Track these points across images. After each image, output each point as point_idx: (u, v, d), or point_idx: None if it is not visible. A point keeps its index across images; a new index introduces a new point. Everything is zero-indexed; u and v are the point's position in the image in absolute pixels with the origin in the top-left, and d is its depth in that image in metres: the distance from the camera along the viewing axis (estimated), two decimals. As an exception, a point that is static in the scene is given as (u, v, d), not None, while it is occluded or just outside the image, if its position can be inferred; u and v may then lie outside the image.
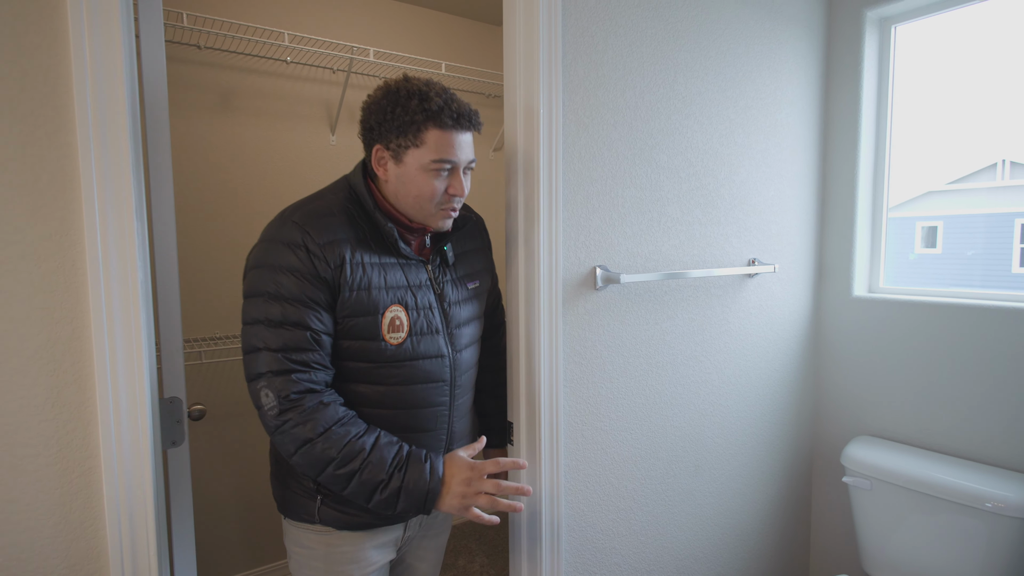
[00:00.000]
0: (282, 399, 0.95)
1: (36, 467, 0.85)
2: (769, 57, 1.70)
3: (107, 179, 0.86)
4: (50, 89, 0.83)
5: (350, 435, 0.97)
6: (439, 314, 1.12)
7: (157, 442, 0.97)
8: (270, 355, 0.96)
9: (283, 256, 0.98)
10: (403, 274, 1.08)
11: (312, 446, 0.95)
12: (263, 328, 0.97)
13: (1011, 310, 1.55)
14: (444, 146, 1.02)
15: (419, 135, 1.01)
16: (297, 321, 0.97)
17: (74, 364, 0.87)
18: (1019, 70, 1.67)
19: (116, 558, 0.90)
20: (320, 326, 0.99)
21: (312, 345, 0.98)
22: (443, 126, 1.01)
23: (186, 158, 2.08)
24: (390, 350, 1.05)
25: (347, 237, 1.02)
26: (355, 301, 1.01)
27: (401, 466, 0.99)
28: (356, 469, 0.97)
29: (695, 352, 1.59)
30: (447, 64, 2.50)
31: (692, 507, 1.63)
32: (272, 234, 1.01)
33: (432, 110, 1.00)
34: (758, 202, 1.72)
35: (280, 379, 0.96)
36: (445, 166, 1.03)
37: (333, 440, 0.96)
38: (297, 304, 0.97)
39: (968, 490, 1.47)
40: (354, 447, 0.97)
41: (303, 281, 0.97)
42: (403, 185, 1.04)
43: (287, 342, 0.96)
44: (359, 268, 1.02)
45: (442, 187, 1.05)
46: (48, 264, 0.84)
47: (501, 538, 2.70)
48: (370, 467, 0.97)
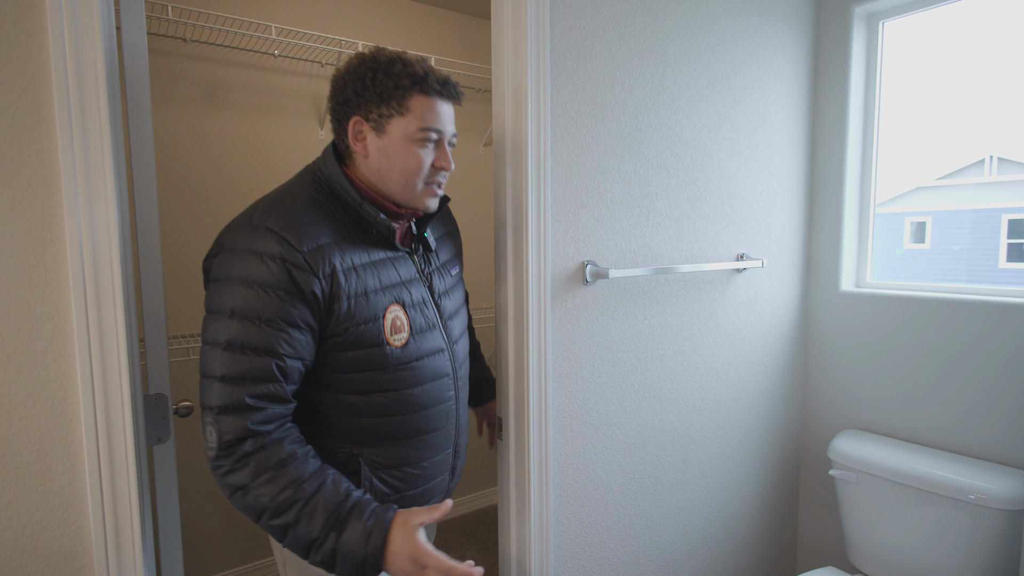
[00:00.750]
0: (222, 444, 0.84)
1: (16, 465, 0.84)
2: (758, 52, 1.70)
3: (88, 173, 0.85)
4: (28, 82, 0.82)
5: (288, 481, 0.85)
6: (432, 308, 1.06)
7: (141, 439, 0.96)
8: (222, 387, 0.85)
9: (252, 268, 0.86)
10: (395, 270, 1.00)
11: (245, 493, 0.84)
12: (221, 352, 0.85)
13: (997, 304, 1.56)
14: (431, 113, 0.95)
15: (404, 102, 0.93)
16: (262, 346, 0.85)
17: (56, 360, 0.86)
18: (1006, 66, 1.68)
19: (100, 556, 0.90)
20: (289, 350, 0.87)
21: (276, 376, 0.86)
22: (429, 92, 0.94)
23: (172, 152, 2.06)
24: (395, 354, 0.97)
25: (331, 240, 0.92)
26: (355, 310, 0.92)
27: (339, 524, 0.85)
28: (290, 522, 0.84)
29: (684, 347, 1.60)
30: (436, 58, 2.49)
31: (681, 500, 1.64)
32: (240, 242, 0.88)
33: (418, 74, 0.93)
34: (746, 197, 1.72)
35: (227, 418, 0.84)
36: (432, 135, 0.96)
37: (268, 486, 0.84)
38: (264, 325, 0.85)
39: (952, 482, 1.49)
40: (291, 496, 0.84)
41: (274, 297, 0.85)
42: (387, 159, 0.96)
43: (245, 371, 0.85)
44: (352, 273, 0.92)
45: (429, 159, 0.97)
46: (28, 259, 0.83)
47: (491, 533, 2.71)
48: (305, 520, 0.84)
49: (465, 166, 2.79)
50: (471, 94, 2.77)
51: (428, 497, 1.08)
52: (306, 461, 0.88)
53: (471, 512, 2.93)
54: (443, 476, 1.10)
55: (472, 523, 2.82)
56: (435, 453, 1.07)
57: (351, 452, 1.00)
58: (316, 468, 0.88)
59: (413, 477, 1.04)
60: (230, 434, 0.84)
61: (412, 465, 1.04)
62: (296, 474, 0.85)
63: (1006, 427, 1.56)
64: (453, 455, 1.12)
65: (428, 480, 1.07)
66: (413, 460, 1.03)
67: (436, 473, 1.08)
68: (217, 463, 0.86)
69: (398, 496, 1.03)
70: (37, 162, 0.83)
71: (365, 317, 0.93)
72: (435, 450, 1.07)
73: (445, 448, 1.08)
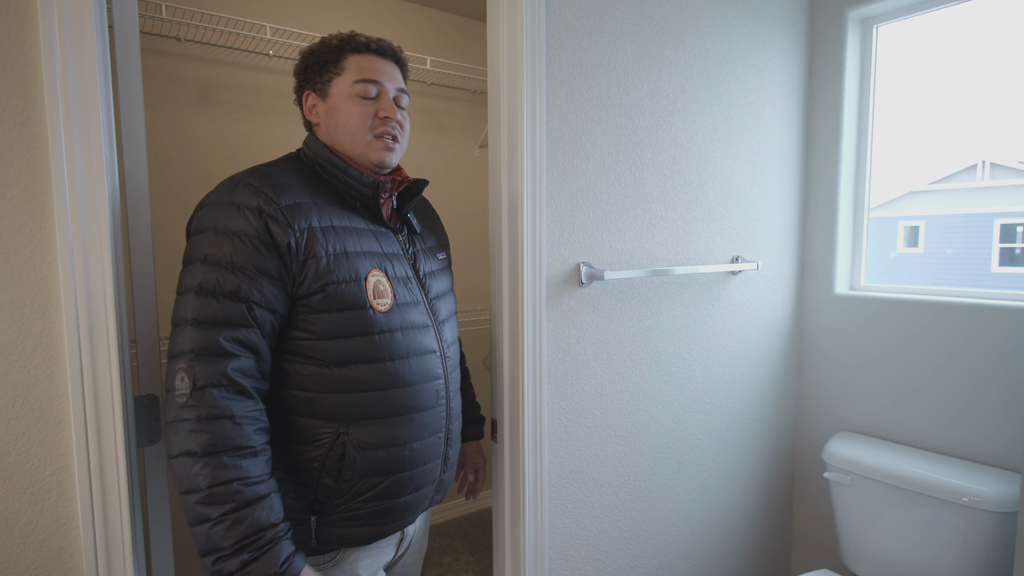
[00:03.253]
0: (195, 389, 0.82)
1: (5, 466, 0.83)
2: (753, 56, 1.71)
3: (79, 171, 0.84)
4: (18, 78, 0.81)
5: (234, 476, 0.82)
6: (417, 286, 1.06)
7: (132, 440, 0.95)
8: (196, 331, 0.84)
9: (229, 218, 0.87)
10: (377, 242, 1.02)
11: (192, 461, 0.81)
12: (193, 297, 0.85)
13: (990, 307, 1.57)
14: (364, 67, 1.01)
15: (338, 63, 1.00)
16: (233, 290, 0.85)
17: (45, 360, 0.85)
18: (1000, 71, 1.69)
19: (90, 559, 0.88)
20: (261, 298, 0.87)
21: (248, 321, 0.86)
22: (360, 48, 1.01)
23: (165, 152, 2.04)
24: (379, 319, 0.96)
25: (312, 201, 0.95)
26: (334, 267, 0.92)
27: (255, 549, 0.81)
28: (211, 517, 0.81)
29: (679, 349, 1.60)
30: (432, 59, 2.48)
31: (675, 503, 1.64)
32: (219, 197, 0.91)
33: (346, 36, 1.02)
34: (741, 200, 1.73)
35: (203, 363, 0.83)
36: (370, 88, 1.00)
37: (214, 471, 0.81)
38: (238, 272, 0.85)
39: (945, 485, 1.49)
40: (226, 492, 0.81)
41: (249, 246, 0.86)
42: (332, 118, 1.01)
43: (218, 315, 0.84)
44: (331, 232, 0.94)
45: (371, 110, 1.01)
46: (18, 258, 0.82)
47: (486, 535, 2.70)
48: (223, 527, 0.80)
49: (460, 168, 2.79)
50: (466, 96, 2.77)
51: (420, 483, 1.04)
52: (261, 460, 0.86)
53: (465, 515, 2.92)
54: (435, 462, 1.07)
55: (466, 526, 2.81)
56: (426, 434, 1.03)
57: (336, 432, 0.96)
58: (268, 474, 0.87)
59: (403, 458, 1.00)
60: (205, 380, 0.82)
61: (401, 445, 1.00)
62: (245, 474, 0.83)
63: (999, 430, 1.56)
64: (445, 442, 1.09)
65: (419, 463, 1.03)
66: (402, 440, 1.00)
67: (427, 457, 1.05)
68: (183, 413, 0.82)
69: (388, 479, 0.99)
70: (27, 159, 0.82)
71: (345, 276, 0.94)
72: (425, 430, 1.03)
73: (436, 431, 1.05)
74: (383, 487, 0.99)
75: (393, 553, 1.12)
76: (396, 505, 1.02)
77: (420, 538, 1.23)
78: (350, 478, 0.97)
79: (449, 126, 2.74)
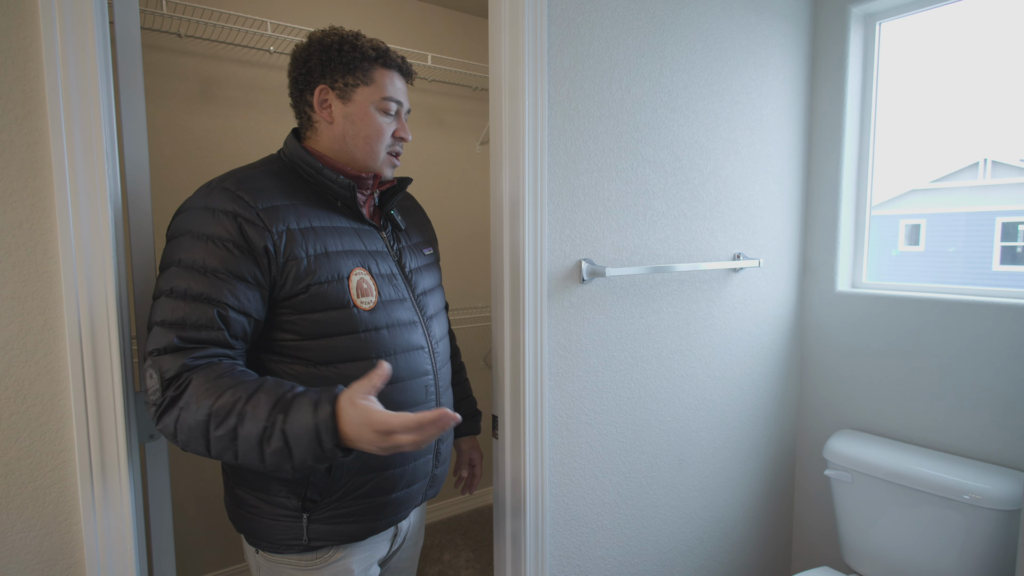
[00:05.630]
0: (164, 381, 0.82)
1: (6, 461, 0.83)
2: (755, 52, 1.70)
3: (81, 166, 0.84)
4: (19, 72, 0.81)
5: (227, 386, 0.82)
6: (402, 281, 1.06)
7: (134, 435, 0.95)
8: (162, 331, 0.84)
9: (204, 223, 0.87)
10: (359, 239, 1.02)
11: (186, 413, 0.81)
12: (165, 300, 0.85)
13: (992, 305, 1.57)
14: (392, 85, 1.03)
15: (369, 72, 1.01)
16: (203, 294, 0.85)
17: (46, 355, 0.85)
18: (1002, 69, 1.69)
19: (92, 553, 0.88)
20: (234, 301, 0.86)
21: (217, 323, 0.85)
22: (390, 65, 1.03)
23: (166, 148, 2.04)
24: (363, 317, 0.96)
25: (290, 204, 0.94)
26: (316, 267, 0.92)
27: (285, 407, 0.81)
28: (235, 424, 0.80)
29: (680, 346, 1.60)
30: (433, 56, 2.48)
31: (676, 500, 1.64)
32: (195, 202, 0.91)
33: (381, 49, 1.02)
34: (743, 197, 1.72)
35: (166, 358, 0.83)
36: (393, 106, 1.03)
37: (208, 397, 0.81)
38: (211, 275, 0.85)
39: (947, 483, 1.49)
40: (231, 398, 0.81)
41: (223, 249, 0.86)
42: (353, 125, 1.01)
43: (186, 316, 0.84)
44: (310, 233, 0.94)
45: (391, 128, 1.04)
46: (19, 253, 0.82)
47: (486, 532, 2.70)
48: (250, 415, 0.80)
49: (462, 165, 2.78)
50: (467, 92, 2.76)
51: (411, 479, 1.05)
52: (245, 372, 0.87)
53: (465, 512, 2.93)
54: (426, 458, 1.07)
55: (467, 523, 2.81)
56: None
57: None
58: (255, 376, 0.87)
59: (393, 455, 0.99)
60: (171, 370, 0.83)
61: None
62: (235, 381, 0.83)
63: (1000, 427, 1.56)
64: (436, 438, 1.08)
65: (409, 459, 1.03)
66: None
67: (418, 453, 1.05)
68: (161, 398, 0.83)
69: (379, 475, 1.00)
70: (28, 154, 0.82)
71: (327, 276, 0.94)
72: None
73: None
74: (374, 484, 1.00)
75: (387, 548, 1.13)
76: (388, 501, 1.02)
77: (415, 533, 1.23)
78: (340, 476, 0.97)
79: (450, 123, 2.73)
